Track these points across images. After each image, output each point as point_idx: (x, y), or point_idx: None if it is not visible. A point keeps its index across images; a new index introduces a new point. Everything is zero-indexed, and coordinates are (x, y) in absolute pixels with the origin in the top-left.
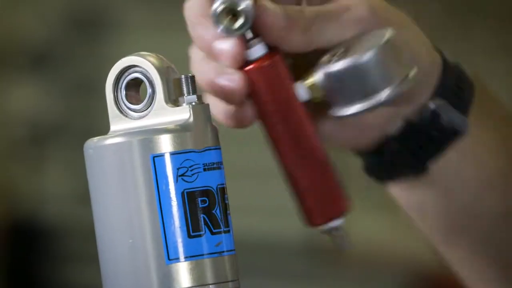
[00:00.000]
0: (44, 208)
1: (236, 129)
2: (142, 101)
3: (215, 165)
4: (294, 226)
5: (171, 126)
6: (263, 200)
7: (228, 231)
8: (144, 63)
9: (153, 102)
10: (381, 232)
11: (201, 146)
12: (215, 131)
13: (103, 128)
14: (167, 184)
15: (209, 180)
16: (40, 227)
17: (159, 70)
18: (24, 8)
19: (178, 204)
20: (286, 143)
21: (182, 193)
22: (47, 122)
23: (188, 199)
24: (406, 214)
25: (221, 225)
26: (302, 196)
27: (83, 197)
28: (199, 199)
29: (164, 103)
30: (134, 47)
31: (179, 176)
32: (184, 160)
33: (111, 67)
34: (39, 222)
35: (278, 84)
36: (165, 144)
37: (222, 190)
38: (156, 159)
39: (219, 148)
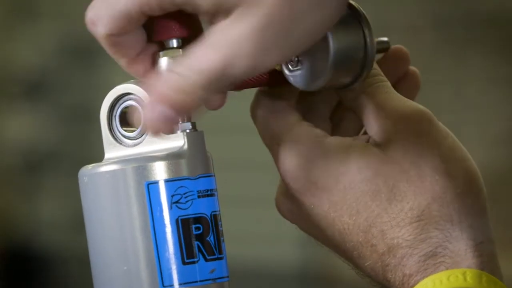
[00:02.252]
0: (39, 235)
1: (233, 157)
2: (136, 129)
3: (209, 192)
4: (289, 253)
5: (165, 154)
6: (258, 227)
7: (222, 257)
8: (138, 91)
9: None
10: None
11: (195, 173)
12: (209, 158)
13: (97, 156)
14: (161, 211)
15: (203, 207)
16: (35, 254)
17: None
18: (19, 37)
19: (172, 231)
20: None
21: (177, 220)
22: (42, 149)
23: (182, 226)
24: None
25: (215, 252)
26: None
27: (78, 224)
28: (193, 226)
29: None
30: (129, 75)
31: (173, 203)
32: (178, 187)
33: (106, 95)
34: (34, 249)
35: None
36: (160, 172)
37: (216, 217)
38: (151, 186)
39: (213, 175)
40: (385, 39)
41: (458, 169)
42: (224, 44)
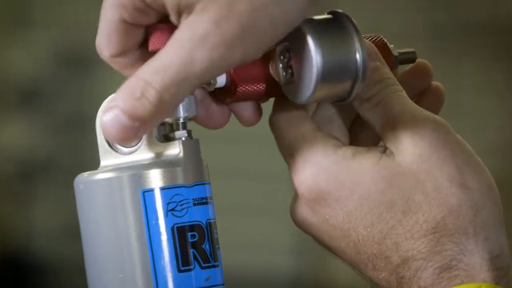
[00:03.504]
0: (33, 244)
1: (228, 166)
2: None
3: (204, 200)
4: (283, 261)
5: (161, 161)
6: (253, 235)
7: (218, 265)
8: None
9: (143, 138)
10: None
11: (191, 181)
12: (204, 166)
13: (92, 164)
14: (156, 219)
15: (199, 215)
16: (30, 263)
17: None
18: (14, 45)
19: (168, 239)
20: None
21: (172, 228)
22: (37, 158)
23: (178, 234)
24: None
25: (211, 259)
26: None
27: (72, 233)
28: (189, 233)
29: (154, 138)
30: (123, 83)
31: (169, 211)
32: (174, 195)
33: (101, 103)
34: (28, 258)
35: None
36: (155, 179)
37: (211, 225)
38: (146, 194)
39: (209, 183)
40: (411, 50)
41: (474, 181)
42: (185, 40)
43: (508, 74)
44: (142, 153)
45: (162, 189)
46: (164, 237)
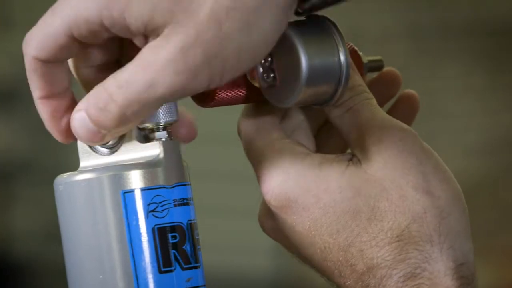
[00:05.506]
0: (13, 245)
1: (208, 168)
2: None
3: (185, 201)
4: (263, 262)
5: (141, 162)
6: (234, 237)
7: (199, 266)
8: None
9: (123, 138)
10: None
11: (171, 182)
12: (185, 167)
13: (71, 165)
14: (137, 220)
15: (180, 216)
16: (9, 265)
17: None
18: None
19: (148, 240)
20: None
21: (153, 229)
22: (16, 159)
23: (159, 234)
24: None
25: (192, 260)
26: None
27: (52, 234)
28: (170, 234)
29: (134, 139)
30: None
31: (150, 212)
32: (155, 196)
33: None
34: (7, 259)
35: None
36: (135, 180)
37: (193, 226)
38: (127, 195)
39: (189, 184)
40: (378, 57)
41: (440, 189)
42: (149, 63)
43: (489, 75)
44: (123, 154)
45: (142, 190)
46: (144, 238)
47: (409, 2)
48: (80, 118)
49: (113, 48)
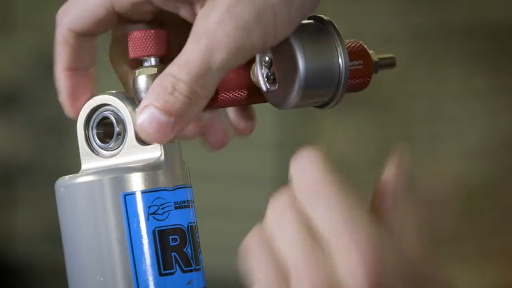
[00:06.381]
0: (14, 248)
1: (210, 169)
2: (112, 140)
3: (186, 204)
4: None
5: (142, 165)
6: (235, 239)
7: (199, 269)
8: (115, 102)
9: (124, 141)
10: None
11: (172, 184)
12: (186, 170)
13: (72, 168)
14: (138, 222)
15: (180, 218)
16: (10, 267)
17: (131, 109)
18: None
19: (149, 242)
20: None
21: (153, 231)
22: (17, 161)
23: (160, 237)
24: None
25: (192, 263)
26: None
27: (53, 237)
28: (170, 237)
29: (135, 142)
30: (105, 87)
31: (150, 214)
32: (155, 198)
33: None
34: (8, 262)
35: None
36: (136, 183)
37: (193, 228)
38: (128, 197)
39: (190, 187)
40: (390, 55)
41: None
42: (203, 32)
43: (490, 78)
44: (123, 157)
45: (143, 192)
46: (145, 240)
47: (410, 4)
48: (148, 113)
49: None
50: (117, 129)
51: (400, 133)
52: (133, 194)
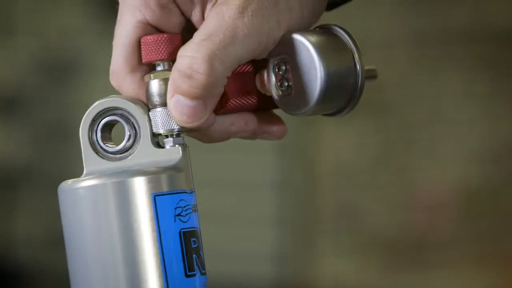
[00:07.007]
0: (15, 252)
1: (209, 174)
2: (118, 143)
3: (195, 207)
4: (265, 270)
5: (167, 166)
6: (234, 244)
7: (206, 272)
8: (128, 105)
9: (135, 144)
10: (350, 276)
11: (190, 187)
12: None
13: (73, 172)
14: (167, 223)
15: (196, 221)
16: (11, 271)
17: (144, 112)
18: None
19: (177, 243)
20: None
21: (180, 232)
22: (18, 166)
23: (184, 239)
24: (375, 258)
25: (204, 266)
26: None
27: (54, 241)
28: (192, 239)
29: (149, 144)
30: (104, 91)
31: (176, 215)
32: (180, 200)
33: (82, 111)
34: (9, 266)
35: None
36: (165, 184)
37: (200, 232)
38: (157, 198)
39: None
40: (373, 67)
41: None
42: (225, 11)
43: (491, 82)
44: (136, 159)
45: (171, 194)
46: (172, 242)
47: (411, 9)
48: (174, 101)
49: None
50: (128, 132)
51: (401, 137)
52: (163, 195)
